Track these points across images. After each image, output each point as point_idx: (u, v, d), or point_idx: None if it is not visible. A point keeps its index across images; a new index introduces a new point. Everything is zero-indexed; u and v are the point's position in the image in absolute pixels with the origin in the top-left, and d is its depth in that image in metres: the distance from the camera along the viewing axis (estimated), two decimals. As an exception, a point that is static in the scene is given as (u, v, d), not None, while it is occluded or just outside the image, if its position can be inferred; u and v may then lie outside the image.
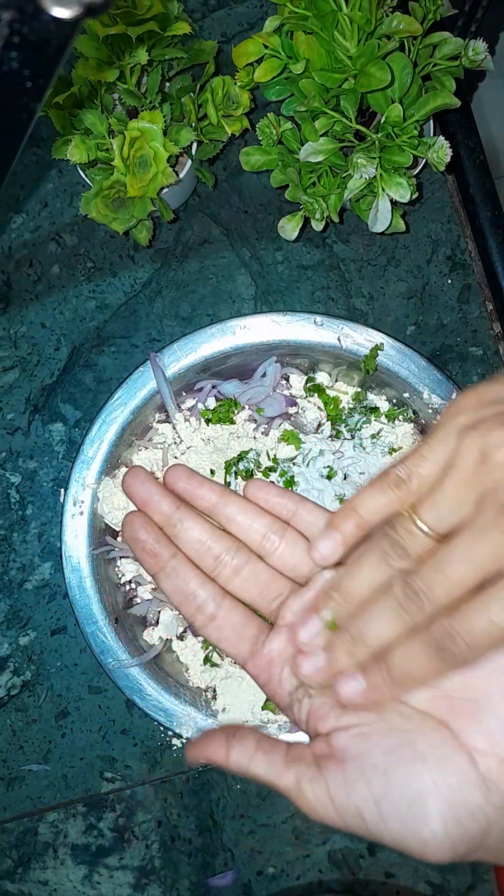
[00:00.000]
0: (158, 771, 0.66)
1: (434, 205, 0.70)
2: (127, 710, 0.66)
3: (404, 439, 0.63)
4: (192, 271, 0.70)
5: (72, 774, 0.66)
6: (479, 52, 0.55)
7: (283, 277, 0.70)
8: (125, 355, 0.69)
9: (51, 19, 0.26)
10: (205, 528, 0.36)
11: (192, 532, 0.35)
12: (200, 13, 0.72)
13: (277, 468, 0.60)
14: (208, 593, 0.35)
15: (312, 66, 0.56)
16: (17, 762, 0.66)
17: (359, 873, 0.67)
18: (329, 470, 0.60)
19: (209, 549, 0.35)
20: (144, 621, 0.64)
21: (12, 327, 0.69)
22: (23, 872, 0.66)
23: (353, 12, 0.53)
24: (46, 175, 0.70)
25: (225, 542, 0.35)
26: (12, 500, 0.67)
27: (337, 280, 0.70)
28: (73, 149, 0.57)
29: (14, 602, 0.67)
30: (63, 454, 0.68)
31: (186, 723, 0.60)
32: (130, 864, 0.67)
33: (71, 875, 0.66)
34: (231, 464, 0.60)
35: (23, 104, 0.30)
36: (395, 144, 0.57)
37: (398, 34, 0.54)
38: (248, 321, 0.63)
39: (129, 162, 0.57)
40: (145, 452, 0.64)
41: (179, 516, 0.35)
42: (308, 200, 0.60)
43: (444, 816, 0.29)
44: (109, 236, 0.70)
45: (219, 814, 0.67)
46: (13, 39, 0.27)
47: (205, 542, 0.35)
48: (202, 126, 0.62)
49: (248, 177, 0.70)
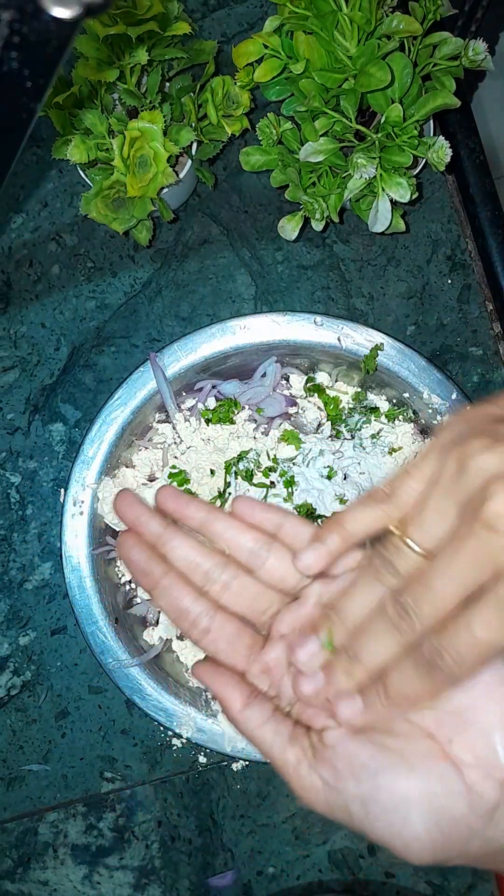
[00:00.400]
0: (158, 771, 0.66)
1: (434, 205, 0.70)
2: (127, 710, 0.66)
3: (404, 439, 0.63)
4: (192, 271, 0.70)
5: (72, 774, 0.66)
6: (479, 52, 0.55)
7: (283, 277, 0.70)
8: (125, 355, 0.69)
9: (51, 19, 0.26)
10: (193, 546, 0.36)
11: (180, 550, 0.36)
12: (200, 13, 0.72)
13: (277, 468, 0.60)
14: (201, 608, 0.35)
15: (312, 66, 0.56)
16: (17, 762, 0.66)
17: (359, 873, 0.67)
18: (329, 470, 0.60)
19: (198, 566, 0.36)
20: (144, 621, 0.64)
21: (12, 327, 0.69)
22: (23, 872, 0.66)
23: (353, 12, 0.53)
24: (46, 175, 0.70)
25: (213, 559, 0.36)
26: (12, 500, 0.67)
27: (337, 280, 0.70)
28: (73, 149, 0.57)
29: (14, 602, 0.67)
30: (63, 454, 0.68)
31: (186, 723, 0.60)
32: (130, 864, 0.67)
33: (71, 875, 0.66)
34: (231, 464, 0.60)
35: (23, 104, 0.30)
36: (395, 144, 0.57)
37: (398, 34, 0.54)
38: (248, 321, 0.63)
39: (129, 162, 0.57)
40: (145, 452, 0.64)
41: (168, 536, 0.36)
42: (308, 200, 0.60)
43: (428, 822, 0.30)
44: (109, 236, 0.70)
45: (219, 814, 0.67)
46: (13, 39, 0.27)
47: (194, 560, 0.36)
48: (202, 126, 0.62)
49: (248, 177, 0.70)
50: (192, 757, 0.66)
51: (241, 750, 0.60)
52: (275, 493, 0.59)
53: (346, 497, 0.59)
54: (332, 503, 0.59)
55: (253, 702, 0.34)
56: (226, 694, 0.34)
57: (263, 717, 0.33)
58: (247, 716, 0.34)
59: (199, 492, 0.60)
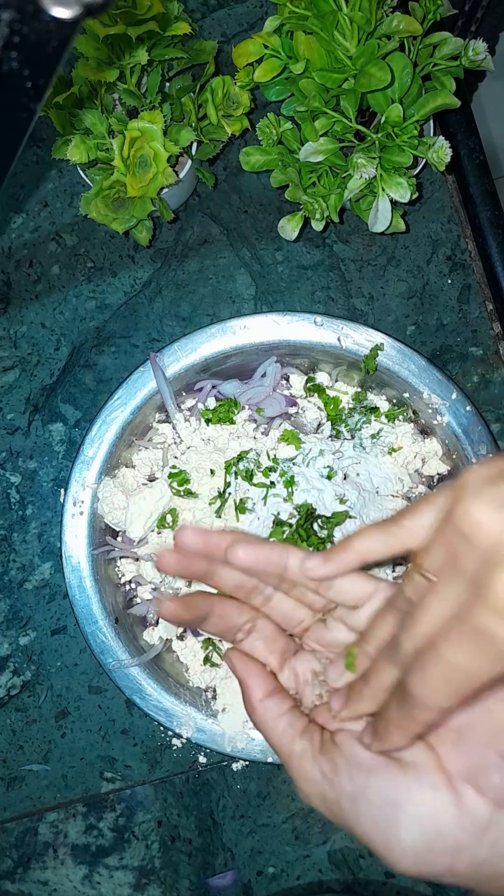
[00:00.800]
0: (158, 771, 0.66)
1: (434, 205, 0.70)
2: (127, 710, 0.66)
3: (404, 439, 0.63)
4: (192, 271, 0.70)
5: (72, 774, 0.66)
6: (479, 52, 0.55)
7: (283, 277, 0.70)
8: (125, 355, 0.69)
9: (51, 19, 0.26)
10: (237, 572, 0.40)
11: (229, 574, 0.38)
12: (200, 13, 0.72)
13: (277, 468, 0.60)
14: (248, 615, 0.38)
15: (312, 66, 0.56)
16: (17, 762, 0.66)
17: (359, 873, 0.67)
18: (329, 470, 0.60)
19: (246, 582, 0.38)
20: (144, 621, 0.64)
21: (12, 327, 0.69)
22: (23, 872, 0.66)
23: (353, 12, 0.53)
24: (46, 175, 0.70)
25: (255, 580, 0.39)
26: (12, 500, 0.67)
27: (337, 280, 0.70)
28: (73, 149, 0.57)
29: (14, 602, 0.67)
30: (63, 454, 0.68)
31: (186, 723, 0.60)
32: (130, 864, 0.67)
33: (71, 875, 0.66)
34: (231, 464, 0.60)
35: (23, 104, 0.30)
36: (395, 144, 0.57)
37: (398, 34, 0.54)
38: (248, 321, 0.63)
39: (129, 162, 0.57)
40: (145, 452, 0.64)
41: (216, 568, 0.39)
42: (308, 200, 0.60)
43: (412, 829, 0.31)
44: (109, 236, 0.70)
45: (219, 814, 0.67)
46: (13, 39, 0.27)
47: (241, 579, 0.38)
48: (202, 126, 0.62)
49: (248, 177, 0.70)
50: (192, 757, 0.66)
51: (241, 750, 0.60)
52: (275, 493, 0.59)
53: (347, 497, 0.59)
54: (332, 503, 0.59)
55: (275, 695, 0.36)
56: (251, 681, 0.36)
57: (282, 710, 0.36)
58: (266, 706, 0.36)
59: (199, 492, 0.60)
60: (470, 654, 0.27)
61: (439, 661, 0.28)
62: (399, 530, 0.33)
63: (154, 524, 0.61)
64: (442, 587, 0.28)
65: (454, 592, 0.28)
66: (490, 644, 0.26)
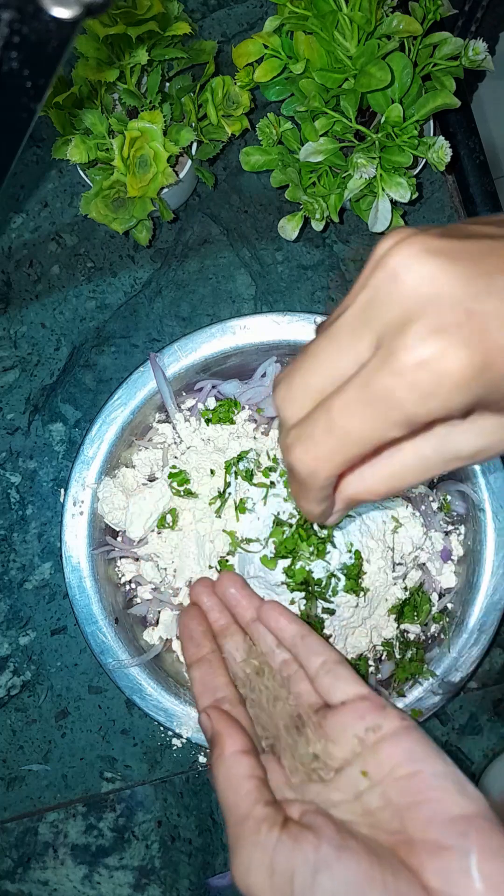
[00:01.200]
0: (158, 771, 0.66)
1: (434, 205, 0.70)
2: (127, 710, 0.66)
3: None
4: (192, 271, 0.70)
5: (72, 774, 0.66)
6: (479, 52, 0.55)
7: (283, 277, 0.70)
8: (125, 355, 0.69)
9: (51, 19, 0.26)
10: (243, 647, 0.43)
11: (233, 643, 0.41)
12: (200, 13, 0.72)
13: (277, 468, 0.60)
14: (229, 694, 0.38)
15: (312, 66, 0.56)
16: (17, 762, 0.66)
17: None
18: (329, 470, 0.60)
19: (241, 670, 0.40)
20: (144, 621, 0.64)
21: (12, 327, 0.69)
22: (23, 872, 0.66)
23: (353, 12, 0.53)
24: (46, 175, 0.70)
25: (251, 666, 0.41)
26: (12, 500, 0.67)
27: (337, 280, 0.70)
28: (73, 149, 0.57)
29: (14, 602, 0.67)
30: (63, 454, 0.68)
31: (186, 723, 0.60)
32: (130, 864, 0.67)
33: (71, 875, 0.66)
34: (231, 464, 0.60)
35: (23, 104, 0.30)
36: (395, 144, 0.57)
37: (398, 34, 0.54)
38: (248, 321, 0.63)
39: (129, 162, 0.57)
40: (145, 452, 0.64)
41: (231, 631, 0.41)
42: (308, 200, 0.60)
43: None
44: (109, 236, 0.70)
45: (219, 814, 0.67)
46: (13, 39, 0.27)
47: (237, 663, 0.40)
48: (202, 126, 0.62)
49: (248, 177, 0.70)
50: (192, 757, 0.66)
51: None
52: (275, 492, 0.59)
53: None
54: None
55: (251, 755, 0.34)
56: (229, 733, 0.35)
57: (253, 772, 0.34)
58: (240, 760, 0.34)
59: (199, 492, 0.60)
60: (364, 418, 0.25)
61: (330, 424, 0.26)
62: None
63: (154, 524, 0.61)
64: (347, 339, 0.26)
65: (359, 349, 0.26)
66: (387, 409, 0.24)
